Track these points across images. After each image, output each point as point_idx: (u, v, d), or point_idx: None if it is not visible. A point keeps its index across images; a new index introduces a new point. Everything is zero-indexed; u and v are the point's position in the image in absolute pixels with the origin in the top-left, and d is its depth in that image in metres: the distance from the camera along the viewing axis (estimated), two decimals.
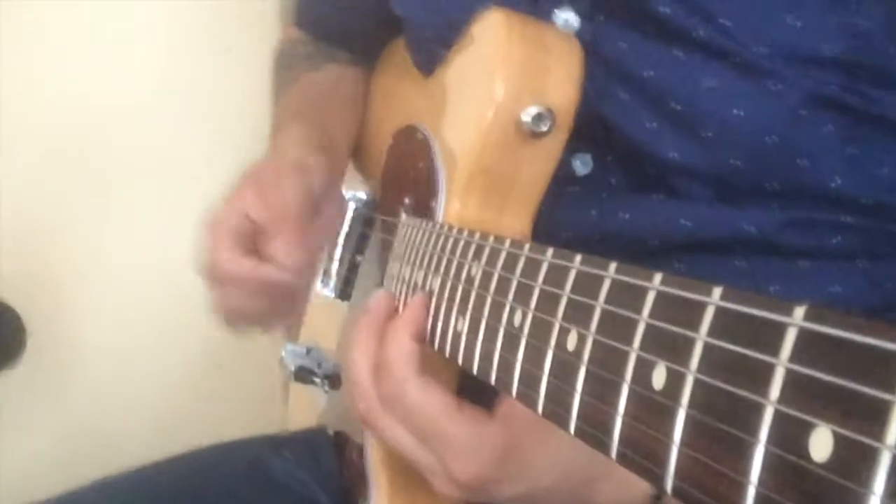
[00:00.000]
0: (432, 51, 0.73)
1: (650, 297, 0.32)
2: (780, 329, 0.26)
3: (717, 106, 0.59)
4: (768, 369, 0.26)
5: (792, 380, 0.25)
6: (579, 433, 0.36)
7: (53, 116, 1.29)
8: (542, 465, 0.54)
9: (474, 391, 0.55)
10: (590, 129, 0.62)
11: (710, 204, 0.62)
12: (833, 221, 0.62)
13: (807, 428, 0.24)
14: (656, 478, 0.30)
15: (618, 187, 0.65)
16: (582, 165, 0.65)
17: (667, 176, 0.63)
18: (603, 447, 0.34)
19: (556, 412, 0.38)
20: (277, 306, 0.70)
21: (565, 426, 0.37)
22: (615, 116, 0.62)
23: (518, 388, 0.42)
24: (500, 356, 0.44)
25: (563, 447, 0.53)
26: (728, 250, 0.63)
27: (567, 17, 0.63)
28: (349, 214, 0.81)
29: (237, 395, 1.42)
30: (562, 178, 0.64)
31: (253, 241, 0.69)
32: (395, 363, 0.55)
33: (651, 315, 0.32)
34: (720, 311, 0.28)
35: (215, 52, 1.34)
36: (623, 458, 0.33)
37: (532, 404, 0.40)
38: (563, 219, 0.65)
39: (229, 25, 1.33)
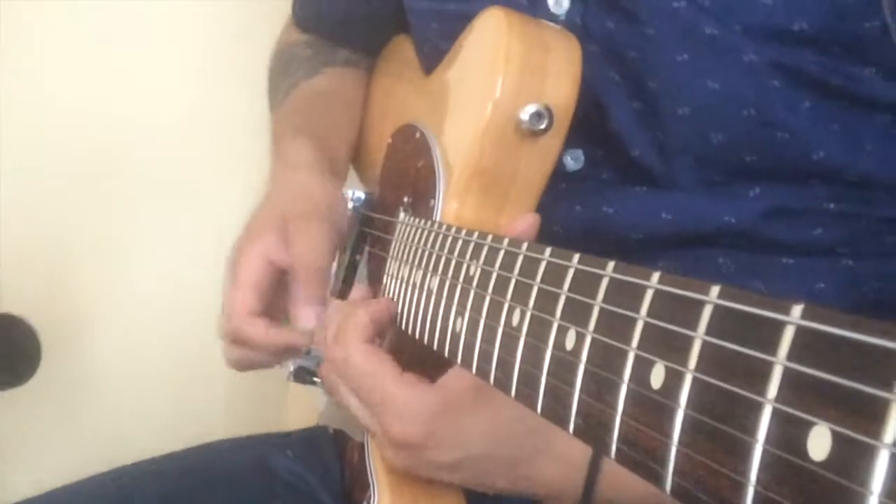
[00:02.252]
0: (436, 45, 0.73)
1: (648, 296, 0.32)
2: (778, 327, 0.26)
3: (690, 80, 0.59)
4: (766, 368, 0.26)
5: (790, 378, 0.25)
6: (578, 432, 0.36)
7: (72, 133, 1.29)
8: (474, 432, 0.57)
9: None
10: (585, 118, 0.62)
11: (691, 194, 0.63)
12: (815, 209, 0.62)
13: (805, 426, 0.24)
14: (655, 476, 0.30)
15: (607, 182, 0.65)
16: (573, 161, 0.66)
17: (650, 162, 0.63)
18: (602, 446, 0.34)
19: (555, 411, 0.38)
20: (289, 356, 0.73)
21: (564, 425, 0.37)
22: (608, 99, 0.63)
23: (517, 387, 0.42)
24: (499, 356, 0.44)
25: (497, 418, 0.56)
26: (711, 246, 0.63)
27: None
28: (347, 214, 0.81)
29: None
30: (552, 175, 0.64)
31: (272, 288, 0.71)
32: (346, 330, 0.60)
33: (649, 314, 0.32)
34: (718, 310, 0.28)
35: (233, 68, 1.33)
36: (622, 457, 0.33)
37: (531, 404, 0.40)
38: (549, 214, 0.65)
39: (247, 38, 1.33)
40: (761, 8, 0.57)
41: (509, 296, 0.44)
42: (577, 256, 0.39)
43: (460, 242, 0.53)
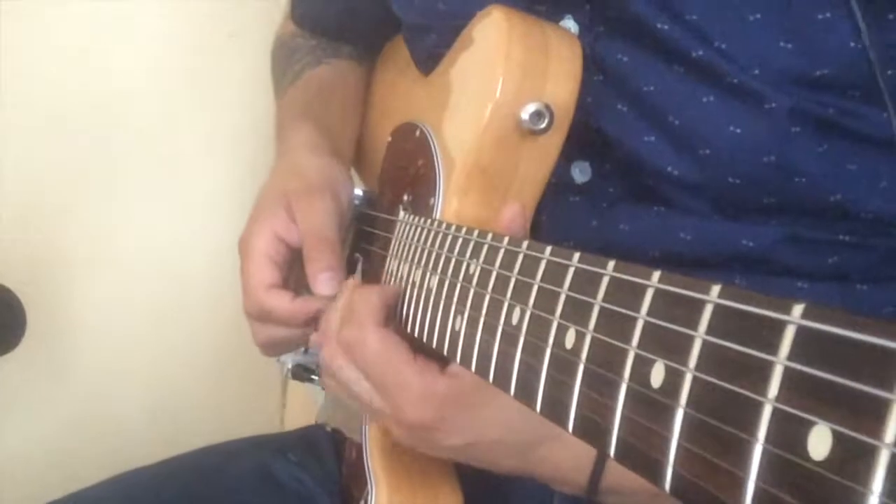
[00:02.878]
0: (433, 52, 0.73)
1: (649, 295, 0.32)
2: (778, 327, 0.26)
3: (714, 123, 0.59)
4: (767, 367, 0.26)
5: (791, 378, 0.25)
6: (577, 431, 0.36)
7: (56, 99, 1.29)
8: (487, 418, 0.58)
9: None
10: (587, 138, 0.62)
11: (709, 218, 0.63)
12: (831, 240, 0.62)
13: (806, 426, 0.24)
14: (655, 475, 0.30)
15: (617, 197, 0.65)
16: (580, 173, 0.65)
17: (665, 189, 0.63)
18: (601, 445, 0.34)
19: (555, 410, 0.38)
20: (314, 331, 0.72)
21: (564, 424, 0.37)
22: (613, 128, 0.63)
23: (516, 386, 0.42)
24: (499, 355, 0.44)
25: (509, 407, 0.56)
26: (726, 268, 0.63)
27: (567, 26, 0.63)
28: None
29: (237, 380, 1.42)
30: (561, 187, 0.64)
31: (288, 265, 0.71)
32: (360, 312, 0.60)
33: (649, 313, 0.32)
34: (719, 309, 0.28)
35: (220, 38, 1.33)
36: (622, 456, 0.33)
37: (531, 402, 0.40)
38: (564, 228, 0.65)
39: (233, 10, 1.33)
40: (781, 53, 0.57)
41: (509, 294, 0.44)
42: (577, 255, 0.39)
43: (460, 241, 0.53)
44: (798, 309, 0.25)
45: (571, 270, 0.39)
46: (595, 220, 0.65)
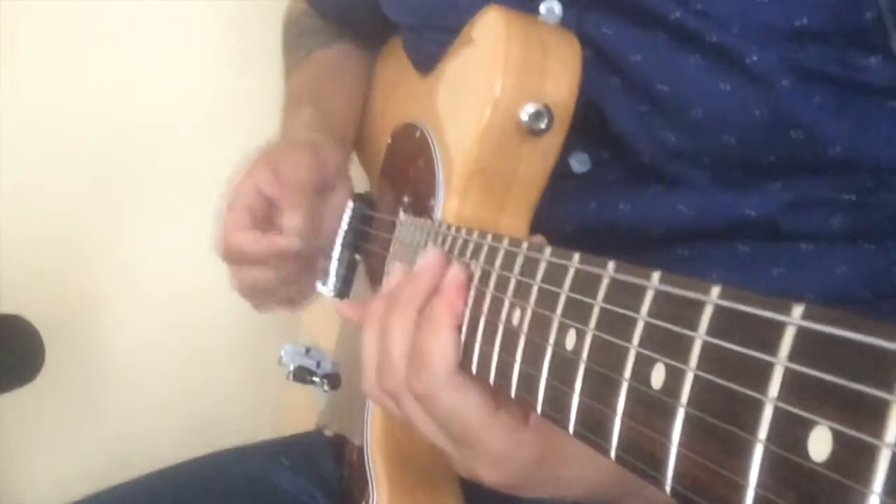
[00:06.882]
0: (430, 52, 0.73)
1: (649, 296, 0.32)
2: (778, 328, 0.25)
3: (702, 84, 0.59)
4: (767, 368, 0.26)
5: (791, 378, 0.25)
6: (578, 434, 0.36)
7: (75, 127, 1.29)
8: (570, 478, 0.52)
9: None
10: (585, 123, 0.62)
11: (708, 190, 0.62)
12: (834, 199, 0.61)
13: (806, 426, 0.24)
14: (655, 477, 0.30)
15: (618, 182, 0.65)
16: (579, 164, 0.65)
17: (663, 163, 0.63)
18: (601, 448, 0.34)
19: (555, 413, 0.38)
20: (290, 277, 0.74)
21: (564, 427, 0.37)
22: (608, 104, 0.63)
23: (517, 388, 0.42)
24: (499, 356, 0.44)
25: (594, 464, 0.50)
26: (730, 236, 0.63)
27: (550, 6, 0.63)
28: (347, 213, 0.81)
29: (262, 400, 1.41)
30: (560, 176, 0.64)
31: (267, 217, 0.73)
32: (433, 360, 0.50)
33: (650, 314, 0.32)
34: (719, 310, 0.28)
35: (239, 61, 1.34)
36: (622, 459, 0.33)
37: (531, 404, 0.40)
38: (563, 213, 0.65)
39: (251, 33, 1.33)
40: (759, 8, 0.57)
41: (509, 295, 0.44)
42: (577, 256, 0.39)
43: (460, 241, 0.53)
44: (798, 310, 0.25)
45: (572, 271, 0.39)
46: (594, 202, 0.65)
